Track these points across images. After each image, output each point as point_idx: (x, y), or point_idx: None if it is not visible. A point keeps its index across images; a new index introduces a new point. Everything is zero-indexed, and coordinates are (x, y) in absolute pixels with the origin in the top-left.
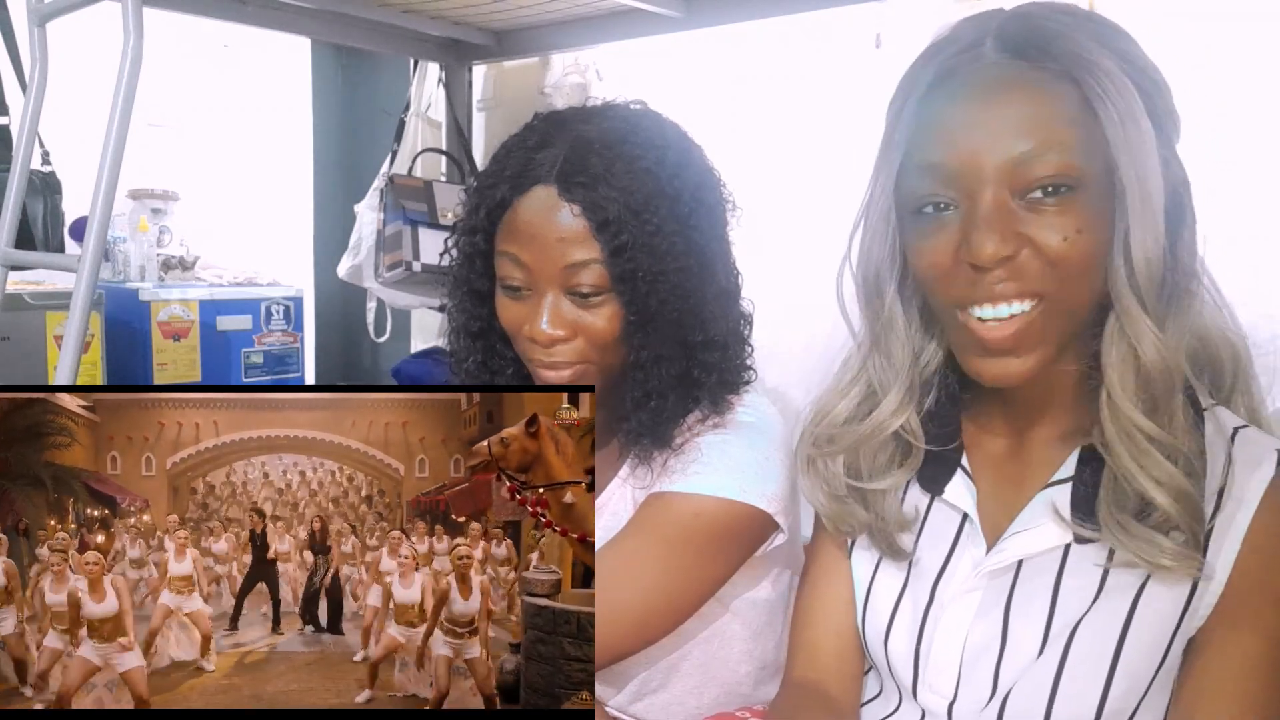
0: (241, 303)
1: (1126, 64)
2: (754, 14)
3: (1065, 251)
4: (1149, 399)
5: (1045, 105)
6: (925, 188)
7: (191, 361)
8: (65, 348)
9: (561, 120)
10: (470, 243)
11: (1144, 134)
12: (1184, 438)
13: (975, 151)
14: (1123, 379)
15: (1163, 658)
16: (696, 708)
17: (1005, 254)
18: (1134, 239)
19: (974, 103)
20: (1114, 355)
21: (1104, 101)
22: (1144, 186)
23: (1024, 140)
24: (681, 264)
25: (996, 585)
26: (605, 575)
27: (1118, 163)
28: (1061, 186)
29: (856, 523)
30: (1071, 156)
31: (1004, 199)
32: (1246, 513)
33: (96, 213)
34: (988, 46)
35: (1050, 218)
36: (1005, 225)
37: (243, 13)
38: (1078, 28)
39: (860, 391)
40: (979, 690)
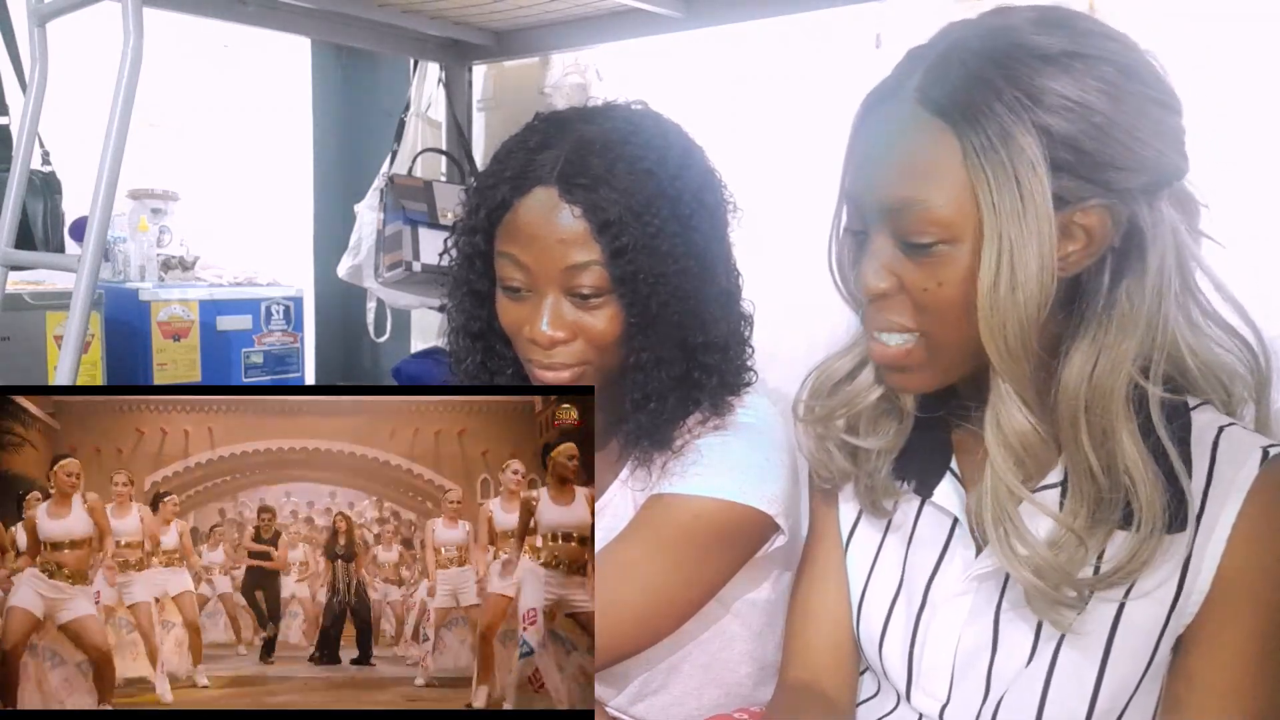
0: (241, 303)
1: (1057, 117)
2: (754, 14)
3: (928, 300)
4: (1022, 464)
5: (928, 157)
6: (845, 212)
7: (191, 362)
8: (65, 348)
9: (562, 121)
10: (470, 243)
11: (1026, 199)
12: (1135, 473)
13: (868, 189)
14: (998, 448)
15: (1150, 657)
16: (697, 708)
17: (882, 288)
18: (980, 306)
19: (873, 144)
20: (989, 420)
21: (978, 161)
22: (1007, 255)
23: (902, 190)
24: (682, 265)
25: (986, 589)
26: (606, 577)
27: (984, 226)
28: (933, 238)
29: (839, 471)
30: (944, 212)
31: (885, 239)
32: (1231, 510)
33: (96, 213)
34: (910, 85)
35: (921, 265)
36: (883, 264)
37: (243, 13)
38: (1005, 73)
39: (860, 353)
40: (972, 694)
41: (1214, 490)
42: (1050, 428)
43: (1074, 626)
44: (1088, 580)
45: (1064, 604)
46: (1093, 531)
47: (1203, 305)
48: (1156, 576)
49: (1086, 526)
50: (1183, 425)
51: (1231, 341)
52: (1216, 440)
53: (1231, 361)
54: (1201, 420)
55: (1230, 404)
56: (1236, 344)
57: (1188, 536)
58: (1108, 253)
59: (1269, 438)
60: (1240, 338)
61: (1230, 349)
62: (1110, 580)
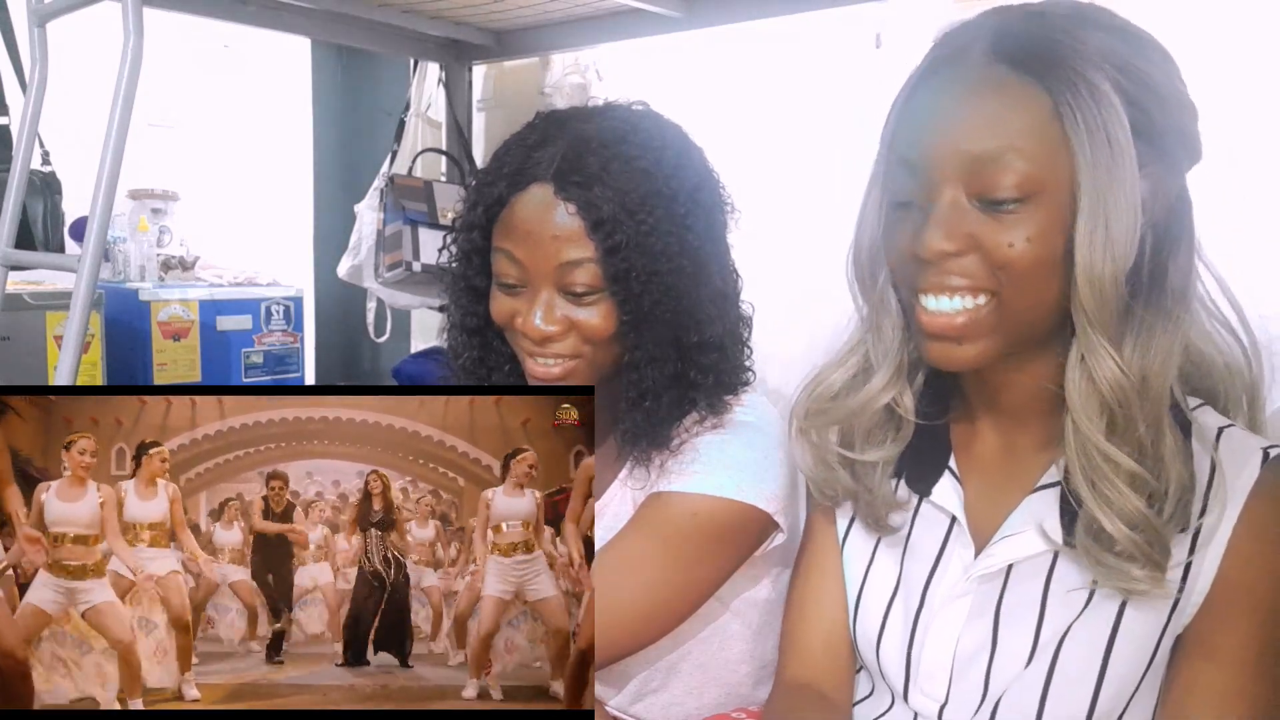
0: (241, 303)
1: (1126, 78)
2: (754, 14)
3: (1012, 257)
4: (1114, 420)
5: (1013, 112)
6: (898, 182)
7: (191, 362)
8: (65, 348)
9: (562, 119)
10: (468, 239)
11: (1116, 154)
12: (1169, 462)
13: (938, 149)
14: (1085, 398)
15: (1151, 658)
16: (697, 708)
17: (949, 251)
18: (1079, 258)
19: (945, 103)
20: (1075, 372)
21: (1073, 116)
22: (1102, 207)
23: (985, 144)
24: (676, 264)
25: (986, 590)
26: (605, 576)
27: (1079, 180)
28: (1017, 193)
29: (841, 489)
30: (1030, 166)
31: (958, 198)
32: (1232, 512)
33: (96, 213)
34: (977, 48)
35: (1002, 223)
36: (955, 224)
37: (243, 13)
38: (1076, 35)
39: (857, 364)
40: (970, 695)
41: (1215, 491)
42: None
43: (1073, 629)
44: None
45: (1153, 561)
46: (1160, 491)
47: (1202, 297)
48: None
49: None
50: (1184, 425)
51: (1226, 337)
52: (1216, 441)
53: (1222, 362)
54: (1202, 421)
55: (1219, 404)
56: (1231, 339)
57: (1189, 537)
58: (1150, 229)
59: (1267, 439)
60: (1234, 333)
61: (1222, 349)
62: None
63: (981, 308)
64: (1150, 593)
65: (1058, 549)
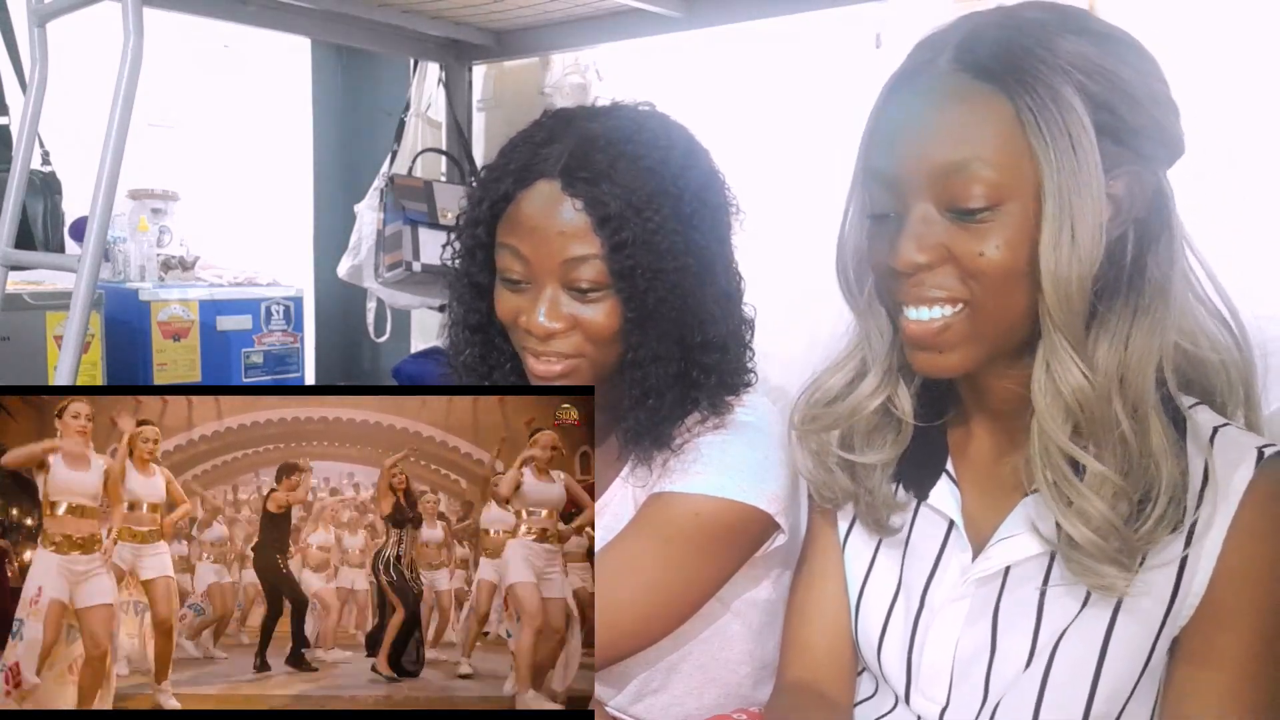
0: (241, 303)
1: (1093, 81)
2: (754, 14)
3: (983, 266)
4: (1078, 424)
5: (978, 121)
6: (872, 193)
7: (191, 362)
8: (65, 348)
9: (569, 117)
10: (472, 235)
11: (1080, 158)
12: (1160, 460)
13: (907, 161)
14: (1050, 401)
15: (1147, 659)
16: (697, 708)
17: (922, 262)
18: (1044, 263)
19: (912, 115)
20: (1041, 375)
21: (1035, 121)
22: (1067, 212)
23: (951, 155)
24: (681, 263)
25: (984, 593)
26: (605, 575)
27: (1043, 184)
28: (986, 202)
29: (841, 491)
30: (997, 174)
31: (929, 210)
32: (1227, 512)
33: (96, 213)
34: (944, 57)
35: (973, 232)
36: (927, 236)
37: (243, 13)
38: (1044, 40)
39: (854, 367)
40: (970, 698)
41: (1210, 491)
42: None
43: (1068, 632)
44: (1143, 536)
45: (1120, 564)
46: (1129, 493)
47: (1196, 291)
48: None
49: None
50: (1179, 424)
51: (1221, 332)
52: (1212, 440)
53: (1218, 360)
54: (1197, 420)
55: (1216, 404)
56: (1226, 334)
57: (1183, 537)
58: (1131, 226)
59: (1262, 438)
60: (1227, 325)
61: (1219, 347)
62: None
63: (956, 316)
64: (1120, 590)
65: (1054, 550)
